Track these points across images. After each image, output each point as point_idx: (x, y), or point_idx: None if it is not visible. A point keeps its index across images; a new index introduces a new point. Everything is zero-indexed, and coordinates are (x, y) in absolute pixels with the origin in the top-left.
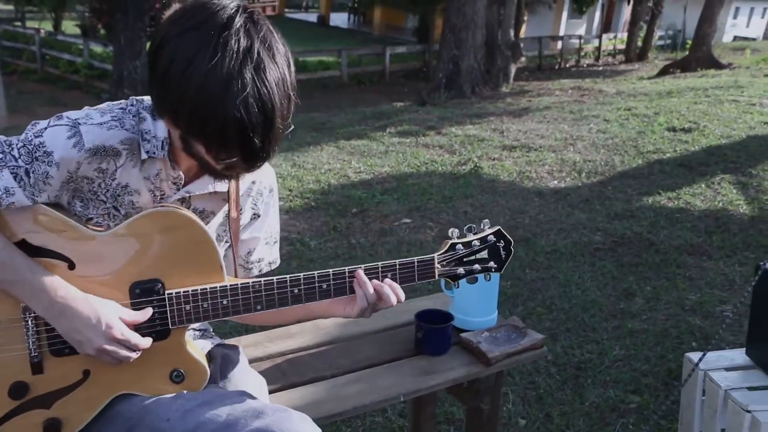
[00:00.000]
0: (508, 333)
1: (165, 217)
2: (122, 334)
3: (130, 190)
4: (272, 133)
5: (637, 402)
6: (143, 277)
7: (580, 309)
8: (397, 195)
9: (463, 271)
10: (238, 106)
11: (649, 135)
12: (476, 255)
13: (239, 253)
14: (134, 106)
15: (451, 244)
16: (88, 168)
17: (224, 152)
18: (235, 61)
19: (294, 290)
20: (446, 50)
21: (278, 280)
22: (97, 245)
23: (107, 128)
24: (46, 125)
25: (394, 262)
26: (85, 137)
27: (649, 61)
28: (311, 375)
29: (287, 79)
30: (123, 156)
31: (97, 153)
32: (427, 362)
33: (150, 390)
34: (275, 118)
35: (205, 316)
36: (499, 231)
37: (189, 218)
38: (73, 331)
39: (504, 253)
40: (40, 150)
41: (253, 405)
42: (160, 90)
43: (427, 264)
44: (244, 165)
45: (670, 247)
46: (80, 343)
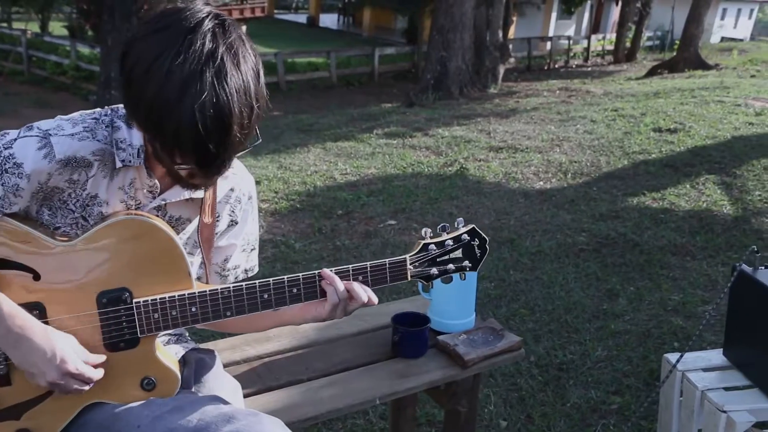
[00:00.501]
0: (485, 335)
1: (130, 225)
2: (77, 369)
3: (100, 201)
4: (228, 141)
5: (619, 403)
6: (110, 286)
7: (564, 310)
8: (382, 197)
9: (436, 272)
10: (194, 110)
11: (635, 136)
12: (450, 255)
13: (216, 260)
14: (108, 116)
15: (424, 245)
16: (59, 179)
17: (180, 157)
18: (196, 64)
19: (264, 296)
20: (434, 51)
21: (247, 285)
22: (63, 255)
23: (79, 139)
24: (15, 136)
25: (365, 264)
26: (56, 148)
27: (637, 61)
28: (287, 378)
29: (250, 87)
30: (94, 167)
31: (68, 164)
32: (403, 365)
33: (121, 398)
34: (232, 125)
35: (174, 324)
36: (473, 230)
37: (154, 225)
38: (27, 363)
39: (479, 251)
40: (10, 162)
41: (224, 410)
42: (125, 91)
43: (399, 265)
44: (199, 171)
45: (654, 247)
46: (33, 375)
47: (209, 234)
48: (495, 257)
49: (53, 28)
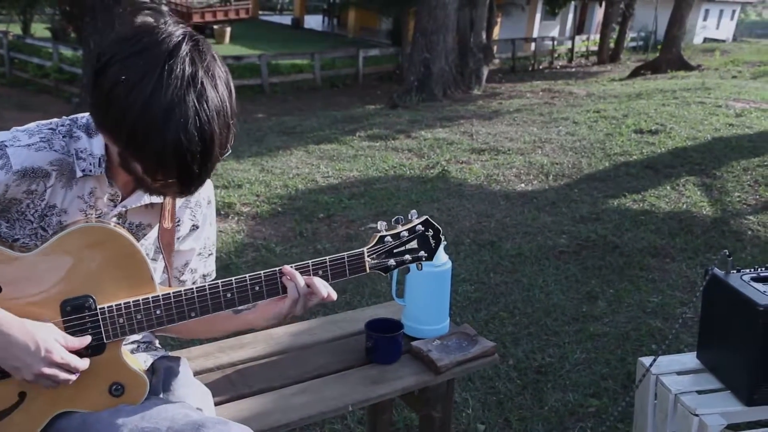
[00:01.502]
0: (459, 341)
1: (90, 232)
2: (62, 358)
3: (58, 210)
4: (210, 161)
5: (596, 405)
6: (74, 294)
7: (543, 313)
8: (363, 200)
9: (393, 263)
10: (178, 133)
11: (617, 137)
12: (405, 246)
13: (176, 265)
14: (65, 126)
15: (380, 237)
16: (17, 190)
17: (161, 175)
18: (179, 89)
19: (227, 295)
20: (417, 53)
21: (210, 285)
22: (23, 266)
23: (35, 149)
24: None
25: (325, 259)
26: (13, 159)
27: (621, 62)
28: (260, 386)
29: (228, 107)
30: (52, 177)
31: (25, 175)
32: (377, 371)
33: (90, 405)
34: (214, 146)
35: (139, 328)
36: (426, 220)
37: (114, 231)
38: (11, 358)
39: (433, 241)
40: None
41: (193, 417)
42: (102, 109)
43: (357, 258)
44: (179, 188)
45: (633, 249)
46: (18, 369)
47: (170, 239)
48: (475, 260)
49: (35, 30)
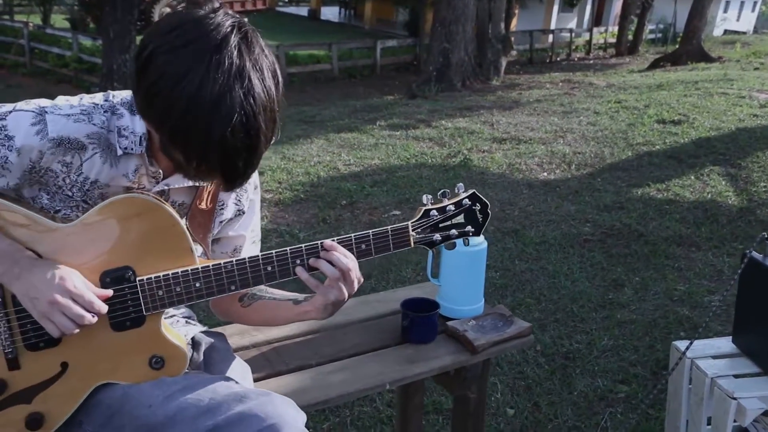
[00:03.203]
0: (494, 321)
1: (130, 203)
2: (75, 287)
3: (100, 185)
4: (255, 157)
5: (625, 391)
6: (113, 265)
7: (569, 300)
8: (386, 187)
9: (439, 237)
10: (224, 131)
11: (638, 127)
12: (452, 220)
13: (225, 250)
14: (109, 101)
15: (425, 211)
16: (52, 159)
17: (204, 170)
18: (225, 85)
19: (267, 268)
20: (437, 43)
21: (250, 259)
22: (63, 237)
23: (74, 120)
24: (11, 109)
25: (368, 232)
26: (50, 126)
27: (639, 54)
28: (297, 363)
29: (274, 101)
30: (88, 150)
31: (60, 144)
32: (413, 350)
33: (130, 378)
34: (260, 142)
35: (179, 300)
36: (474, 194)
37: (153, 203)
38: (29, 289)
39: (481, 216)
40: (2, 133)
41: (235, 389)
42: (146, 101)
43: (402, 232)
44: (224, 185)
45: (659, 238)
46: (34, 300)
47: (203, 220)
48: (500, 247)
49: (55, 21)
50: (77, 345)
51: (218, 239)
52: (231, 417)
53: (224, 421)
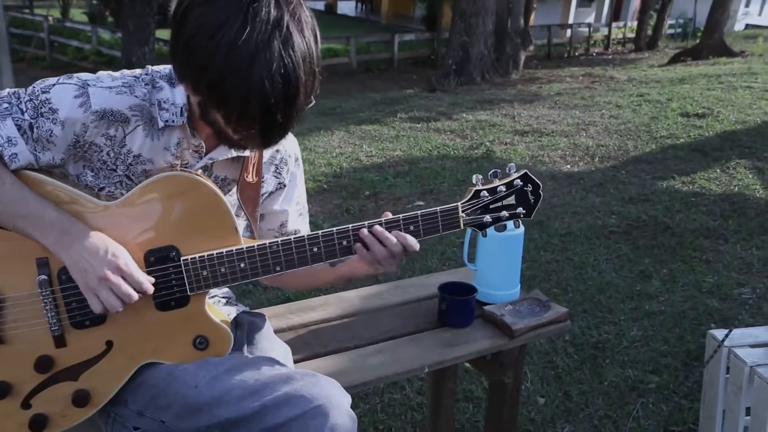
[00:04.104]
0: (531, 306)
1: (173, 181)
2: (126, 265)
3: (143, 160)
4: (294, 109)
5: (656, 382)
6: (157, 244)
7: (597, 290)
8: (409, 178)
9: (489, 219)
10: (263, 80)
11: (662, 120)
12: (503, 201)
13: (271, 226)
14: (149, 75)
15: (475, 192)
16: (96, 132)
17: (243, 125)
18: (264, 33)
19: (313, 249)
20: (456, 37)
21: (296, 239)
22: (107, 215)
23: (116, 93)
24: (54, 82)
25: (417, 213)
26: (93, 99)
27: (659, 49)
28: (334, 346)
29: (314, 54)
30: (131, 123)
31: (104, 117)
32: (450, 334)
33: (174, 358)
34: (299, 94)
35: (223, 281)
36: (525, 175)
37: (197, 181)
38: (80, 260)
39: (532, 197)
40: (46, 106)
41: (281, 371)
42: (184, 57)
43: (451, 213)
44: (261, 139)
45: (685, 230)
46: (84, 272)
47: (252, 194)
48: (525, 238)
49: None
50: (122, 324)
51: (263, 215)
52: (278, 398)
53: (271, 402)
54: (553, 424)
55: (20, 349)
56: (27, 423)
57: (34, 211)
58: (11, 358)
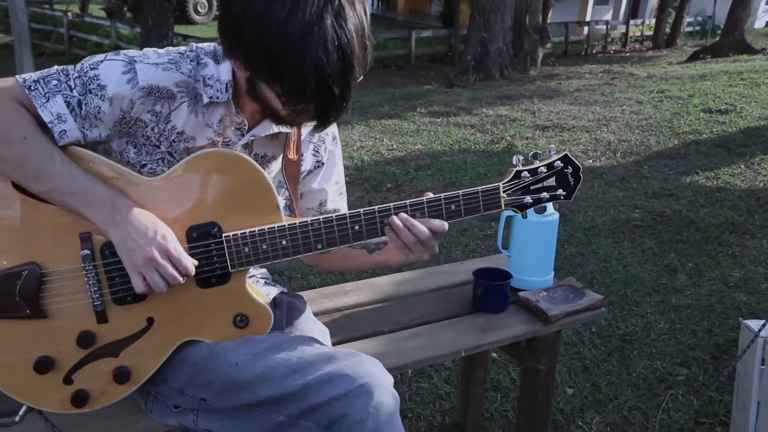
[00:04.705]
0: (565, 293)
1: (215, 158)
2: (175, 249)
3: (186, 137)
4: (349, 82)
5: (685, 374)
6: (199, 220)
7: (622, 283)
8: (431, 171)
9: (530, 200)
10: (318, 53)
11: (684, 116)
12: (543, 182)
13: (311, 205)
14: (194, 51)
15: (516, 172)
16: (142, 109)
17: (299, 100)
18: (316, 7)
19: (355, 227)
20: (474, 32)
21: (337, 216)
22: (150, 191)
23: (162, 69)
24: (102, 59)
25: (458, 193)
26: (140, 75)
27: (677, 47)
28: (369, 330)
29: (365, 27)
30: (177, 99)
31: (150, 93)
32: (485, 319)
33: (214, 336)
34: (354, 67)
35: (264, 258)
36: (566, 156)
37: (239, 157)
38: (127, 239)
39: (572, 179)
40: (94, 83)
41: (323, 349)
42: (235, 33)
43: (492, 193)
44: (317, 116)
45: (710, 225)
46: (132, 251)
47: (294, 171)
48: None
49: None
50: (163, 301)
51: (302, 194)
52: (320, 377)
53: (314, 381)
54: (582, 414)
55: (63, 324)
56: (69, 398)
57: (83, 188)
58: (54, 332)
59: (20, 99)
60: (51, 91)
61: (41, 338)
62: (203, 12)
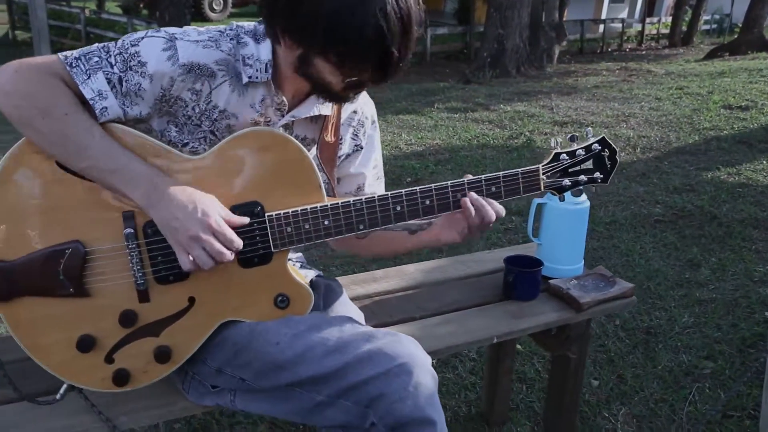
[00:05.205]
0: (595, 281)
1: (258, 137)
2: (218, 224)
3: (228, 115)
4: (409, 43)
5: (711, 368)
6: (242, 200)
7: (645, 277)
8: (450, 166)
9: (569, 182)
10: (377, 14)
11: (704, 113)
12: (581, 165)
13: (348, 189)
14: (234, 30)
15: (555, 154)
16: (182, 87)
17: (358, 64)
18: None
19: (397, 207)
20: (491, 29)
21: (380, 197)
22: (193, 169)
23: (203, 46)
24: (143, 35)
25: (498, 174)
26: (180, 52)
27: (694, 45)
28: (400, 316)
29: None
30: (218, 77)
31: (191, 70)
32: (516, 307)
33: (255, 316)
34: (412, 25)
35: (307, 238)
36: (603, 139)
37: (282, 137)
38: (169, 217)
39: (609, 162)
40: (135, 59)
41: (362, 329)
42: (290, 9)
43: (532, 175)
44: (375, 76)
45: (733, 220)
46: (175, 230)
47: (330, 154)
48: None
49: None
50: (205, 280)
51: (339, 178)
52: (360, 355)
53: (354, 359)
54: (609, 406)
55: (105, 302)
56: (110, 377)
57: (123, 166)
58: (96, 311)
59: (62, 76)
60: (92, 68)
61: (84, 317)
62: (218, 9)
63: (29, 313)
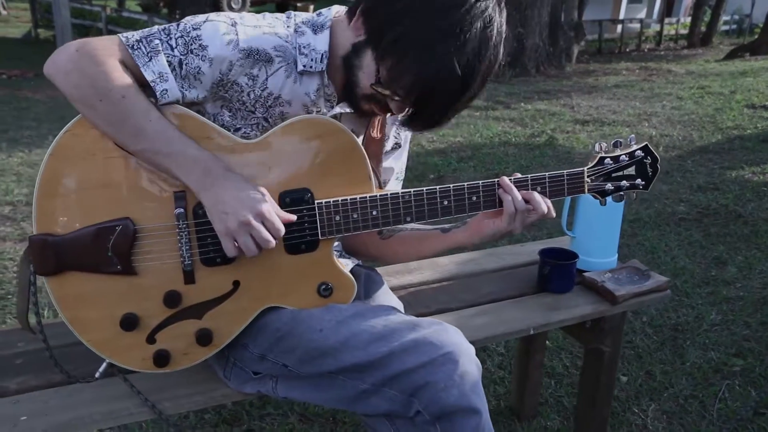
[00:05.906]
0: (630, 275)
1: (313, 124)
2: (268, 211)
3: (282, 101)
4: (456, 106)
5: (741, 365)
6: (292, 186)
7: (671, 275)
8: (472, 163)
9: (611, 187)
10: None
11: (727, 112)
12: (624, 171)
13: None
14: (291, 18)
15: (600, 158)
16: (240, 72)
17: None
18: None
19: (444, 202)
20: (510, 28)
21: (428, 190)
22: (245, 153)
23: (262, 32)
24: (204, 19)
25: (544, 175)
26: (240, 36)
27: (713, 46)
28: (436, 307)
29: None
30: (275, 63)
31: (250, 55)
32: (551, 299)
33: (298, 303)
34: (469, 93)
35: (354, 227)
36: (646, 147)
37: (336, 126)
38: (221, 202)
39: (651, 170)
40: (196, 43)
41: (406, 318)
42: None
43: (577, 177)
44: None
45: (759, 219)
46: (226, 215)
47: (376, 150)
48: None
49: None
50: (250, 265)
51: None
52: (405, 343)
53: (399, 348)
54: (638, 402)
55: (151, 282)
56: (151, 357)
57: (177, 149)
58: (142, 290)
59: (122, 57)
60: (153, 51)
61: (129, 295)
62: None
63: (76, 288)
